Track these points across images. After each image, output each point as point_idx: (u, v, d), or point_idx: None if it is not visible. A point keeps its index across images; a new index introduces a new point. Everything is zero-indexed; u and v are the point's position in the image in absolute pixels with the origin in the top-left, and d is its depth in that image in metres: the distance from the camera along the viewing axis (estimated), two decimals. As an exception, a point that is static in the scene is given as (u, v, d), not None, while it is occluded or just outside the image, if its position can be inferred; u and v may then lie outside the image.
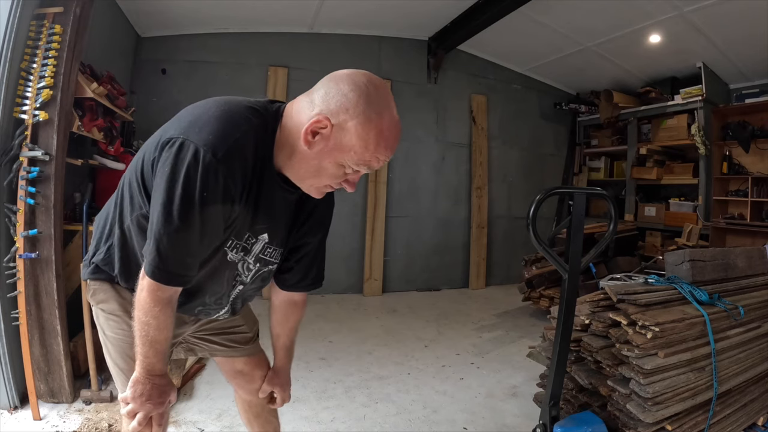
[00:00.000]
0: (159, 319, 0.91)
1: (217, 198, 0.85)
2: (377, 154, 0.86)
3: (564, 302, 1.54)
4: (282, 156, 0.92)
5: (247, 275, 1.08)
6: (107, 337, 1.11)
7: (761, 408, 1.93)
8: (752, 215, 4.15)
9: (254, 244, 1.03)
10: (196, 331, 1.24)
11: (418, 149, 4.95)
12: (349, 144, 0.84)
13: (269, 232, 1.02)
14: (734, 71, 4.42)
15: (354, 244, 4.70)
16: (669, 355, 1.58)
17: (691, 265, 1.96)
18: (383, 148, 0.86)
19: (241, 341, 1.30)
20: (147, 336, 0.92)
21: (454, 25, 4.40)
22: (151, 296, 0.90)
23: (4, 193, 2.04)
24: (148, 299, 0.90)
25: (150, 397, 0.93)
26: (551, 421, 1.57)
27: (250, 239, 1.01)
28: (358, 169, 0.89)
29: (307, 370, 2.70)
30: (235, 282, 1.09)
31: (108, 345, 1.12)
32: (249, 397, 1.38)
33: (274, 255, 1.08)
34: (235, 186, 0.88)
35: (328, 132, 0.85)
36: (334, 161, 0.87)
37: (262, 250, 1.05)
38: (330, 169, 0.89)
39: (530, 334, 3.50)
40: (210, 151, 0.82)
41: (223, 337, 1.27)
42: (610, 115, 5.17)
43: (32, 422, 1.96)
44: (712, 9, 3.47)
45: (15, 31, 2.00)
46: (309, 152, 0.87)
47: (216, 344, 1.27)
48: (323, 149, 0.86)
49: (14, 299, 2.02)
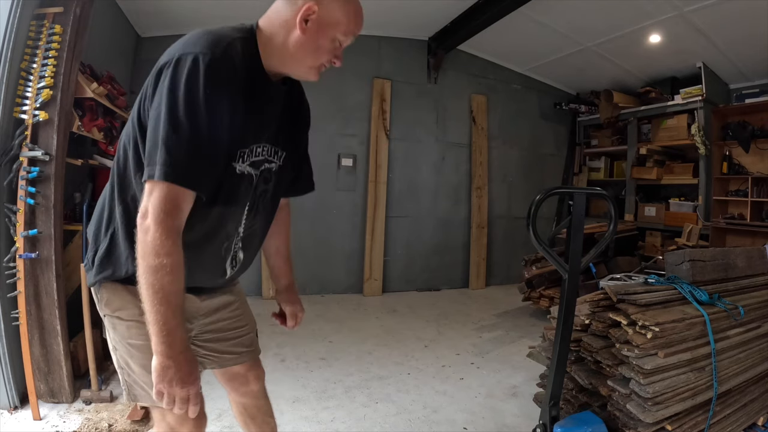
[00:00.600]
0: (173, 257, 0.84)
1: (222, 94, 0.89)
2: (357, 23, 1.04)
3: (564, 302, 1.54)
4: (272, 58, 1.02)
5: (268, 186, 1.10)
6: (132, 345, 1.03)
7: (761, 408, 1.93)
8: (752, 215, 4.15)
9: (262, 151, 1.06)
10: (205, 331, 1.20)
11: (418, 149, 4.95)
12: (336, 19, 1.00)
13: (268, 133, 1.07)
14: (734, 71, 4.42)
15: (354, 244, 4.70)
16: (669, 355, 1.58)
17: (691, 265, 1.96)
18: (359, 17, 1.05)
19: (247, 343, 1.30)
20: (162, 289, 0.84)
21: (454, 25, 4.40)
22: (162, 226, 0.83)
23: (4, 193, 2.04)
24: (157, 232, 0.83)
25: (181, 379, 0.88)
26: (551, 421, 1.57)
27: (254, 147, 1.03)
28: (346, 40, 1.06)
29: (307, 370, 2.70)
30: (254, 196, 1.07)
31: (134, 355, 1.03)
32: (244, 399, 1.37)
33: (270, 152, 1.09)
34: (236, 85, 0.92)
35: (316, 15, 0.98)
36: (328, 37, 1.01)
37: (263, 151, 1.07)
38: (326, 45, 1.03)
39: (530, 334, 3.50)
40: (209, 53, 0.88)
41: (230, 343, 1.26)
42: (610, 115, 5.17)
43: (32, 422, 1.96)
44: (712, 9, 3.47)
45: (15, 31, 2.00)
46: (305, 37, 0.99)
47: (225, 353, 1.25)
48: (317, 30, 0.99)
49: (14, 299, 2.03)
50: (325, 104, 4.53)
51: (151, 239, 0.84)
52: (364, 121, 4.69)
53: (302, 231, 4.48)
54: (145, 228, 0.85)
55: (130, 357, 1.04)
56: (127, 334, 1.03)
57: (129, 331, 1.03)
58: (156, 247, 0.84)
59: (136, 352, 1.03)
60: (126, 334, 1.03)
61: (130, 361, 1.05)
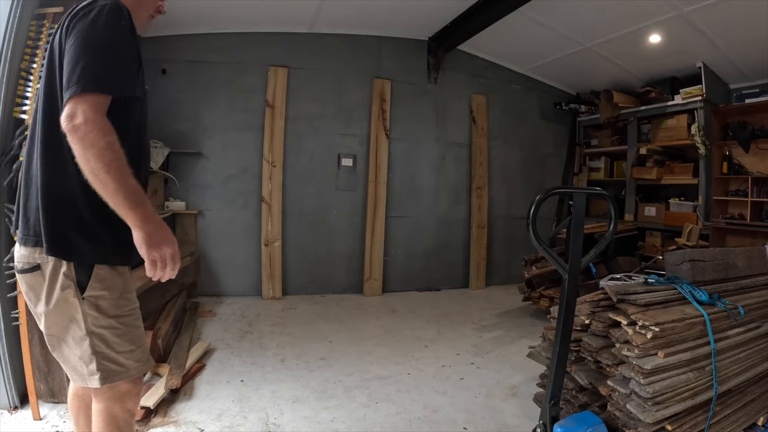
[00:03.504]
0: (114, 135, 0.99)
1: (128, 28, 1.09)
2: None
3: (564, 302, 1.54)
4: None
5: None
6: (118, 320, 1.13)
7: (761, 408, 1.93)
8: (752, 215, 4.15)
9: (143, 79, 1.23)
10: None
11: (418, 149, 4.95)
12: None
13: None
14: (734, 71, 4.42)
15: (354, 244, 4.70)
16: (669, 355, 1.58)
17: (691, 265, 1.96)
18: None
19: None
20: (119, 164, 0.97)
21: (454, 25, 4.40)
22: (95, 117, 0.96)
23: (4, 193, 2.04)
24: (92, 121, 0.96)
25: (166, 237, 1.02)
26: (551, 421, 1.57)
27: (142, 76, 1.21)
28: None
29: (307, 370, 2.70)
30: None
31: (116, 329, 1.13)
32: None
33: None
34: (133, 28, 1.13)
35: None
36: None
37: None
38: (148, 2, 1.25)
39: (530, 334, 3.50)
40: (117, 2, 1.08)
41: None
42: (610, 115, 5.17)
43: (32, 422, 1.96)
44: (712, 9, 3.47)
45: (15, 31, 2.00)
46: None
47: None
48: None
49: (14, 299, 2.03)
50: (325, 104, 4.54)
51: (90, 129, 0.95)
52: (364, 121, 4.70)
53: (302, 231, 4.49)
54: (77, 126, 0.95)
55: (114, 333, 1.12)
56: (114, 311, 1.12)
57: (118, 308, 1.13)
58: (97, 132, 0.95)
59: (124, 328, 1.14)
60: (113, 312, 1.12)
61: (112, 339, 1.12)
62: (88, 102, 0.96)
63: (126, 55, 1.07)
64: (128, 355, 1.15)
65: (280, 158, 4.36)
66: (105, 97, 1.00)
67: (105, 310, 1.11)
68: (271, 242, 4.35)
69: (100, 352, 1.11)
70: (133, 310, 1.18)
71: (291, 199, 4.45)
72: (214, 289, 4.26)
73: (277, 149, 4.34)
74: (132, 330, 1.16)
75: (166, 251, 1.02)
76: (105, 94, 1.00)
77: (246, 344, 3.07)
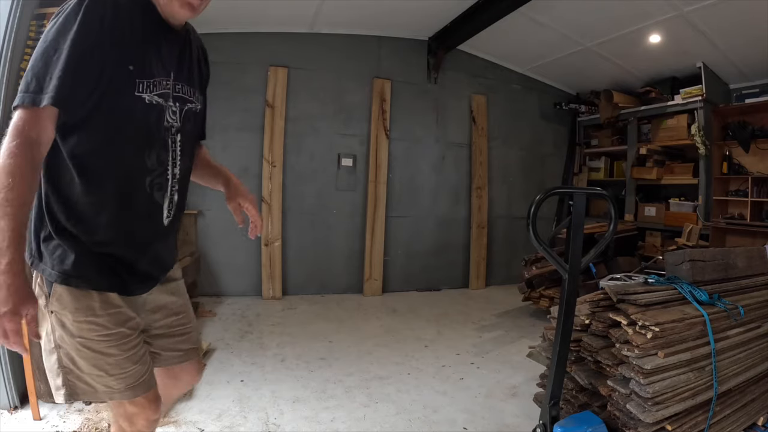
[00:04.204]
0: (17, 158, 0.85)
1: (97, 24, 0.92)
2: None
3: (564, 302, 1.54)
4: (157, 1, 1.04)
5: (176, 118, 1.11)
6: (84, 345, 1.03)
7: (761, 408, 1.93)
8: (752, 215, 4.15)
9: (167, 84, 1.07)
10: (154, 327, 1.21)
11: (418, 149, 4.95)
12: None
13: (172, 70, 1.10)
14: (734, 71, 4.42)
15: (354, 244, 4.70)
16: (669, 355, 1.58)
17: (691, 265, 1.96)
18: None
19: (194, 340, 1.33)
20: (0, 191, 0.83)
21: (454, 25, 4.40)
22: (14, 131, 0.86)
23: (4, 193, 2.04)
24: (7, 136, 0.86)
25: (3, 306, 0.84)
26: (551, 421, 1.57)
27: (160, 80, 1.05)
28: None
29: (307, 370, 2.70)
30: (169, 130, 1.10)
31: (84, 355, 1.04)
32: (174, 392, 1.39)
33: (187, 92, 1.14)
34: (119, 22, 0.96)
35: None
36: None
37: (174, 87, 1.10)
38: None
39: (530, 334, 3.50)
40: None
41: (177, 340, 1.27)
42: (610, 115, 5.17)
43: (32, 422, 1.96)
44: (712, 9, 3.47)
45: (15, 31, 2.00)
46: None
47: (172, 350, 1.27)
48: None
49: (14, 299, 2.02)
50: (325, 104, 4.54)
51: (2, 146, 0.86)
52: (364, 121, 4.69)
53: (302, 231, 4.49)
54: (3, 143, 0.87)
55: (79, 355, 1.04)
56: (77, 333, 1.03)
57: (81, 331, 1.03)
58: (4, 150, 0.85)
59: (88, 352, 1.04)
60: (77, 333, 1.03)
61: (77, 359, 1.04)
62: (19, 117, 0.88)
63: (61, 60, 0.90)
64: (96, 378, 1.06)
65: (280, 158, 4.36)
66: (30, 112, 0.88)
67: (69, 329, 1.02)
68: (271, 242, 4.35)
69: (67, 367, 1.05)
70: (107, 336, 1.04)
71: (291, 199, 4.45)
72: (214, 289, 4.26)
73: (277, 149, 4.34)
74: (101, 357, 1.04)
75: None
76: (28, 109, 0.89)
77: (246, 344, 3.07)
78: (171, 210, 1.15)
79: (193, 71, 1.19)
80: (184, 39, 1.16)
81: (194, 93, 1.17)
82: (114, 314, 1.06)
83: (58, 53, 0.90)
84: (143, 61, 1.01)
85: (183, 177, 1.17)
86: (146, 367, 1.13)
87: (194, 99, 1.17)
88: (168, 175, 1.11)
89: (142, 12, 1.02)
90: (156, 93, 1.04)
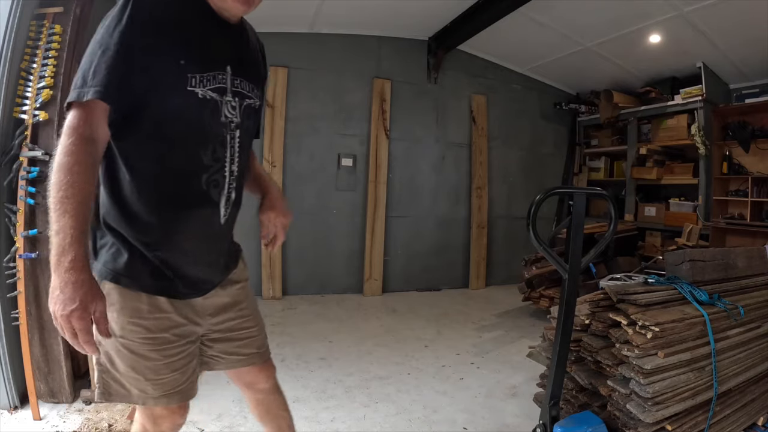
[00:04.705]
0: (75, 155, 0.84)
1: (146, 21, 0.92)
2: None
3: (564, 302, 1.54)
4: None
5: (236, 113, 1.08)
6: (124, 345, 1.03)
7: (761, 408, 1.93)
8: (752, 215, 4.15)
9: (223, 78, 1.04)
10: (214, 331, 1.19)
11: (418, 149, 4.95)
12: None
13: (229, 65, 1.06)
14: (734, 71, 4.42)
15: (354, 244, 4.70)
16: (669, 355, 1.58)
17: (691, 265, 1.96)
18: None
19: (258, 345, 1.30)
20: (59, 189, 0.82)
21: (454, 25, 4.40)
22: (67, 130, 0.86)
23: (4, 193, 2.04)
24: (63, 135, 0.86)
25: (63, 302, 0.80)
26: (551, 421, 1.57)
27: (215, 74, 1.02)
28: None
29: (307, 370, 2.70)
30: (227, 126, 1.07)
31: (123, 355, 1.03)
32: (257, 396, 1.38)
33: (246, 87, 1.10)
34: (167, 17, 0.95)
35: None
36: None
37: (232, 82, 1.07)
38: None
39: (530, 334, 3.50)
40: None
41: (239, 344, 1.25)
42: (610, 115, 5.17)
43: (32, 422, 1.96)
44: (712, 9, 3.47)
45: (15, 31, 2.00)
46: None
47: (234, 354, 1.25)
48: None
49: (14, 299, 2.02)
50: (325, 104, 4.54)
51: (59, 144, 0.86)
52: (364, 121, 4.69)
53: (302, 231, 4.48)
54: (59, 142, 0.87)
55: (118, 355, 1.03)
56: (120, 332, 1.01)
57: (123, 331, 1.01)
58: (59, 149, 0.85)
59: (127, 353, 1.02)
60: (119, 333, 1.01)
61: (116, 359, 1.03)
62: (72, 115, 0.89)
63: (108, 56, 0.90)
64: (132, 381, 1.04)
65: (280, 158, 4.36)
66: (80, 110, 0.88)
67: (111, 328, 0.98)
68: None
69: (104, 366, 1.04)
70: (149, 340, 1.03)
71: (291, 199, 4.45)
72: (214, 289, 4.26)
73: (277, 149, 4.34)
74: (140, 359, 1.03)
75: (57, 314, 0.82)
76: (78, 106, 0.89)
77: (246, 344, 3.06)
78: (228, 208, 1.12)
79: (252, 67, 1.16)
80: (241, 34, 1.13)
81: (253, 89, 1.14)
82: (160, 319, 1.04)
83: (105, 50, 0.89)
84: (195, 56, 0.99)
85: (241, 174, 1.13)
86: (186, 376, 1.11)
87: (253, 95, 1.14)
88: (225, 172, 1.07)
89: (192, 6, 1.00)
90: (210, 87, 1.01)
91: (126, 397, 1.07)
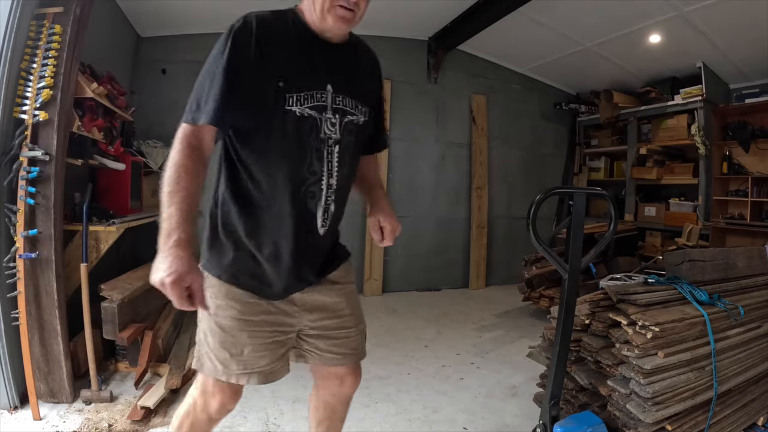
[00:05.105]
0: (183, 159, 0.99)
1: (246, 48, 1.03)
2: None
3: (564, 302, 1.54)
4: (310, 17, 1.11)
5: (335, 130, 1.14)
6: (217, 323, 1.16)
7: (761, 408, 1.93)
8: (752, 215, 4.15)
9: (322, 96, 1.11)
10: (310, 327, 1.25)
11: (418, 149, 4.95)
12: None
13: (330, 83, 1.13)
14: (734, 71, 4.42)
15: (354, 244, 4.69)
16: (669, 355, 1.58)
17: (691, 265, 1.96)
18: None
19: (352, 346, 1.32)
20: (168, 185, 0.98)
21: (454, 25, 4.40)
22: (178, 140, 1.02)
23: (4, 193, 2.04)
24: (176, 141, 1.02)
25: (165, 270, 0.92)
26: (551, 421, 1.57)
27: (313, 92, 1.10)
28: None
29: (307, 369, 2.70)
30: (326, 141, 1.13)
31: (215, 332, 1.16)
32: (330, 399, 1.42)
33: (348, 104, 1.16)
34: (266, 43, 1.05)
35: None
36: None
37: (333, 100, 1.13)
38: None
39: (530, 334, 3.50)
40: (243, 18, 1.07)
41: (334, 343, 1.28)
42: (610, 115, 5.17)
43: (32, 422, 1.96)
44: (712, 9, 3.47)
45: (15, 31, 2.00)
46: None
47: (327, 352, 1.29)
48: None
49: (14, 299, 2.03)
50: (325, 104, 4.53)
51: (172, 149, 1.02)
52: (364, 121, 4.69)
53: (302, 231, 4.47)
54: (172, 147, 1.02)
55: (211, 332, 1.15)
56: (214, 311, 1.13)
57: (217, 309, 1.14)
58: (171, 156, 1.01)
59: (218, 330, 1.14)
60: (214, 311, 1.14)
61: (209, 335, 1.16)
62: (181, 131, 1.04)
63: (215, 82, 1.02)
64: (221, 357, 1.15)
65: (280, 158, 4.35)
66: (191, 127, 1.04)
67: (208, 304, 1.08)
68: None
69: (201, 341, 1.19)
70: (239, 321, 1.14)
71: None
72: (214, 289, 4.26)
73: (277, 149, 4.34)
74: (229, 337, 1.15)
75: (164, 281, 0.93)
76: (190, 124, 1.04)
77: (246, 344, 3.06)
78: (326, 220, 1.19)
79: (358, 84, 1.21)
80: (345, 52, 1.19)
81: (357, 105, 1.19)
82: (251, 304, 1.16)
83: (213, 77, 1.02)
84: (293, 77, 1.07)
85: (341, 188, 1.20)
86: (267, 360, 1.18)
87: (356, 111, 1.19)
88: (322, 184, 1.15)
89: (290, 30, 1.10)
90: (308, 106, 1.09)
91: (213, 371, 1.16)
